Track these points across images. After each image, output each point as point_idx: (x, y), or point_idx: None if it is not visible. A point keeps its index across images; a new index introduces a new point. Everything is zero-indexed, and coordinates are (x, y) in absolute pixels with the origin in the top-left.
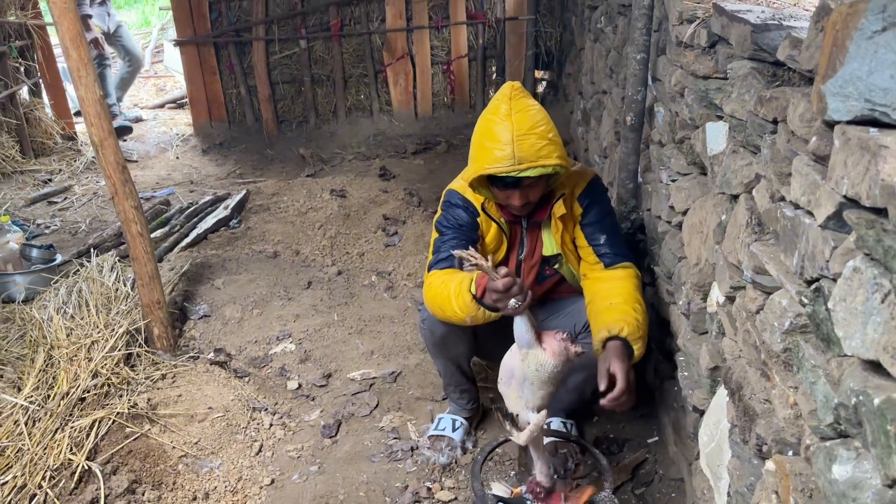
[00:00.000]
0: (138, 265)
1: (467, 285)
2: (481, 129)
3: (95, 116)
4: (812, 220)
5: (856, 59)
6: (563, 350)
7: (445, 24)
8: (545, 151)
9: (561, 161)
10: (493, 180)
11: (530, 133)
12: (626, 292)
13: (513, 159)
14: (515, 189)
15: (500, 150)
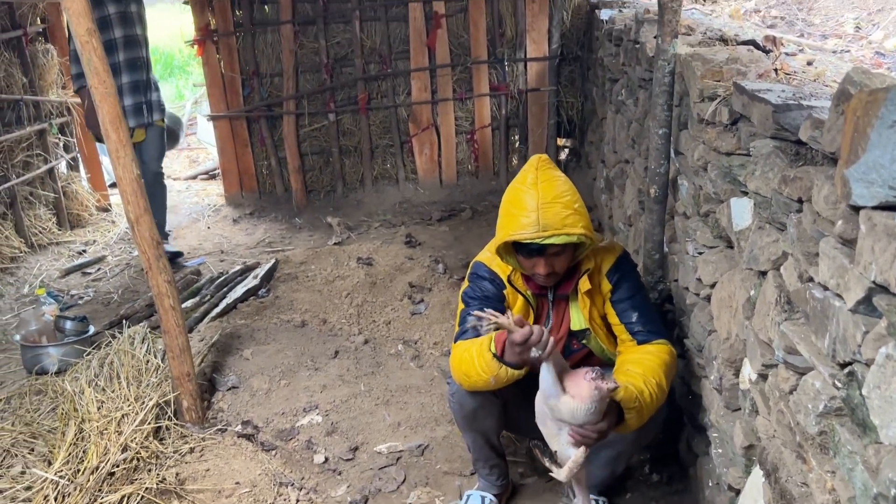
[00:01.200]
0: (170, 338)
1: (487, 344)
2: (508, 197)
3: (132, 195)
4: (842, 303)
5: (878, 147)
6: (594, 391)
7: (469, 97)
8: (570, 220)
9: (586, 231)
10: (519, 248)
11: (555, 202)
12: (648, 366)
13: (538, 226)
14: (540, 257)
15: (526, 217)
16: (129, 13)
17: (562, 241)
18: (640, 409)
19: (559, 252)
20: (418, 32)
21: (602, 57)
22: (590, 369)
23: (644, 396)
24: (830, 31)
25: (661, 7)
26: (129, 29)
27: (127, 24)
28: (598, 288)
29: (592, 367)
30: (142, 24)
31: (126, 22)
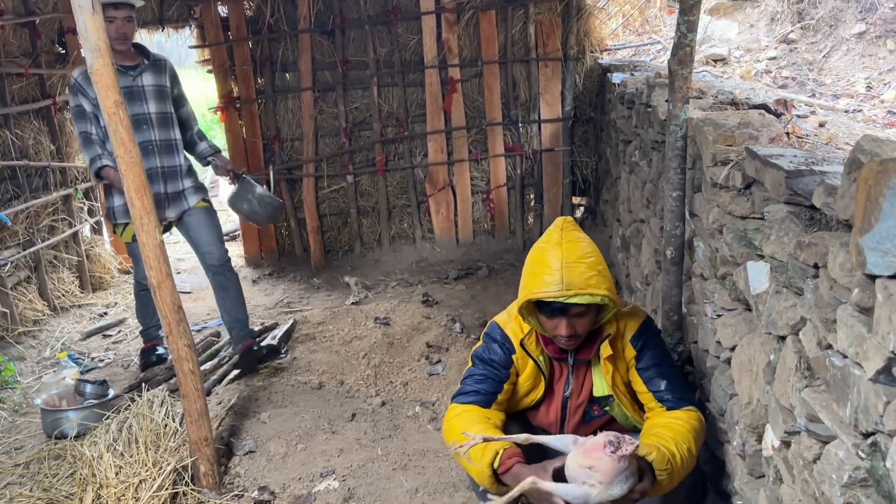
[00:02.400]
0: (188, 402)
1: (491, 457)
2: (532, 257)
3: (155, 260)
4: (862, 372)
5: (890, 217)
6: (619, 464)
7: (484, 157)
8: (594, 281)
9: (609, 293)
10: (542, 308)
11: (579, 262)
12: (678, 430)
13: (561, 285)
14: (563, 317)
15: (550, 275)
16: (163, 88)
17: (585, 301)
18: (672, 472)
19: (582, 313)
20: (434, 97)
21: (615, 119)
22: (606, 439)
23: (676, 460)
24: (842, 91)
25: (672, 74)
26: (162, 105)
27: (160, 100)
28: (622, 354)
29: (607, 433)
30: (173, 103)
31: (159, 97)
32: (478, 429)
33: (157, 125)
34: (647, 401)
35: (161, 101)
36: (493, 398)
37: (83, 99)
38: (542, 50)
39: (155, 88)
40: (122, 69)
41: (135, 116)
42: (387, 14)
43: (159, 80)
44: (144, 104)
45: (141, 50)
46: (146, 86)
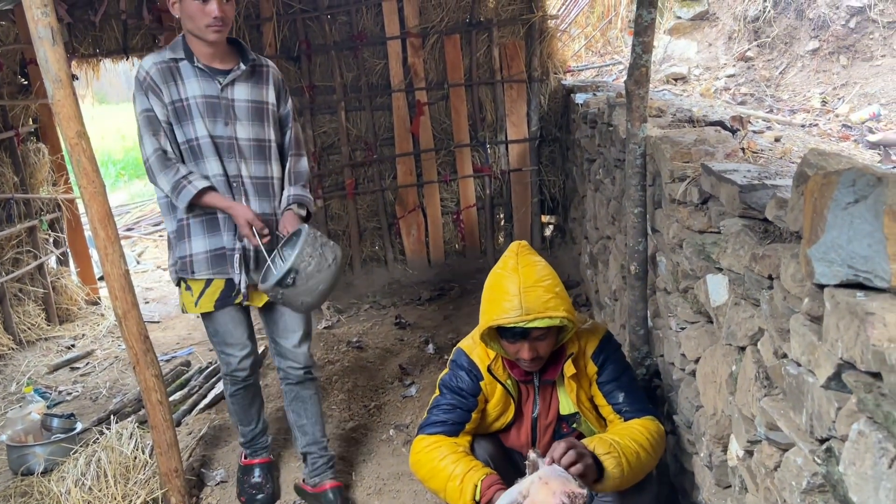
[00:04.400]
0: (157, 433)
1: (471, 492)
2: (490, 283)
3: (119, 290)
4: (815, 380)
5: (835, 228)
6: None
7: (454, 178)
8: (552, 304)
9: (568, 314)
10: (503, 333)
11: (537, 285)
12: (627, 429)
13: (520, 310)
14: (524, 341)
15: (509, 301)
16: (263, 105)
17: (544, 325)
18: (620, 460)
19: (542, 336)
20: (402, 120)
21: (579, 138)
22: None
23: (620, 446)
24: (798, 106)
25: (629, 95)
26: (259, 127)
27: (257, 120)
28: (584, 371)
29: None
30: (277, 125)
31: (256, 116)
32: (451, 460)
33: (251, 156)
34: (608, 414)
35: (258, 123)
36: (461, 427)
37: (155, 100)
38: (506, 72)
39: (251, 105)
40: (207, 71)
41: (216, 140)
42: (352, 39)
43: (259, 92)
44: (232, 124)
45: (238, 48)
46: (237, 100)
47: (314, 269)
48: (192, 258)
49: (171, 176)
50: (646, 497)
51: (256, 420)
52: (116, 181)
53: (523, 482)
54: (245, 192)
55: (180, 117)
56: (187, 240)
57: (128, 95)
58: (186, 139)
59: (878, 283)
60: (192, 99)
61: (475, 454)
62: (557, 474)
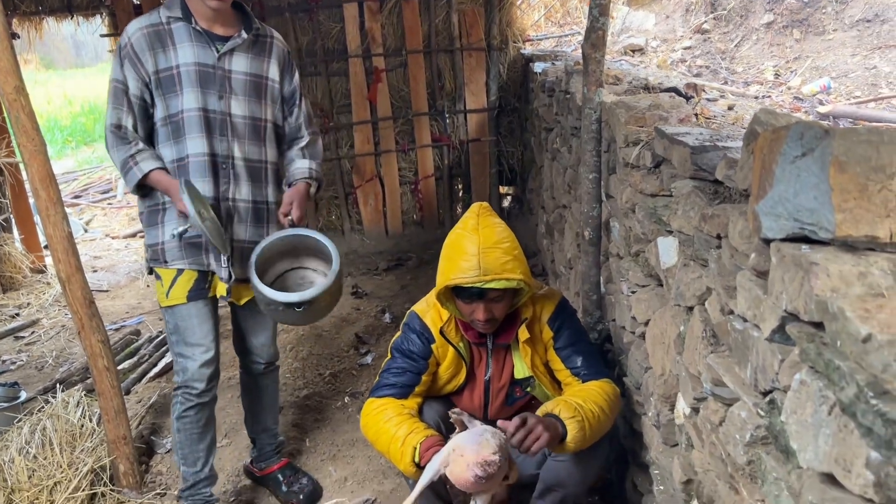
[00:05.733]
0: (104, 400)
1: (411, 455)
2: (449, 242)
3: (63, 253)
4: (759, 333)
5: (782, 182)
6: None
7: (412, 148)
8: (510, 266)
9: (525, 278)
10: (459, 294)
11: (496, 247)
12: (587, 391)
13: (478, 270)
14: (480, 301)
15: (467, 261)
16: (263, 80)
17: (501, 286)
18: (583, 423)
19: (498, 298)
20: (359, 87)
21: (537, 108)
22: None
23: (584, 410)
24: (752, 79)
25: (586, 59)
26: (256, 105)
27: (255, 97)
28: (539, 336)
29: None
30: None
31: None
32: (395, 422)
33: (245, 135)
34: (565, 377)
35: (255, 99)
36: (411, 390)
37: (130, 71)
38: (466, 40)
39: (249, 79)
40: (205, 35)
41: (209, 114)
42: (308, 1)
43: (259, 65)
44: (227, 99)
45: (243, 14)
46: (235, 72)
47: (328, 304)
48: (165, 245)
49: (122, 153)
50: (598, 457)
51: (204, 461)
52: (63, 148)
53: (445, 448)
54: (235, 174)
55: (167, 88)
56: (160, 225)
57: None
58: (170, 113)
59: (822, 234)
60: (183, 67)
61: (425, 416)
62: (474, 441)
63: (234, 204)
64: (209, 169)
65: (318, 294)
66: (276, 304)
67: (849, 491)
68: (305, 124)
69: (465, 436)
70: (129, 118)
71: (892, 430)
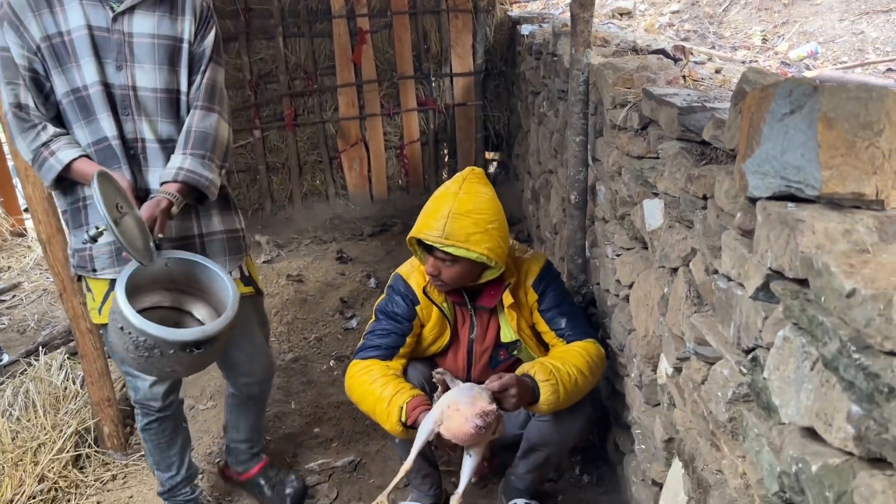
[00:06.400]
0: (87, 362)
1: (398, 414)
2: (433, 196)
3: (43, 214)
4: (743, 292)
5: (770, 140)
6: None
7: (397, 112)
8: (475, 238)
9: (487, 253)
10: (423, 244)
11: (467, 216)
12: (567, 353)
13: (442, 232)
14: (430, 256)
15: (436, 220)
16: (175, 41)
17: (461, 255)
18: (557, 384)
19: (446, 261)
20: (343, 48)
21: (524, 71)
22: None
23: (560, 373)
24: (739, 44)
25: (574, 19)
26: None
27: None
28: (524, 300)
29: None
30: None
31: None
32: (381, 383)
33: (156, 112)
34: (550, 339)
35: (167, 67)
36: (395, 352)
37: (13, 37)
38: (452, 1)
39: (157, 42)
40: None
41: (110, 88)
42: None
43: (170, 25)
44: (128, 69)
45: None
46: (137, 35)
47: (222, 346)
48: (93, 251)
49: (30, 141)
50: (581, 418)
51: (178, 464)
52: None
53: (436, 407)
54: (146, 160)
55: (61, 58)
56: (87, 227)
57: None
58: (71, 88)
59: (808, 192)
60: (75, 32)
61: (409, 377)
62: (466, 395)
63: (148, 196)
64: (122, 154)
65: (221, 329)
66: (150, 343)
67: (829, 444)
68: (204, 96)
69: (455, 392)
70: (29, 95)
71: (874, 384)
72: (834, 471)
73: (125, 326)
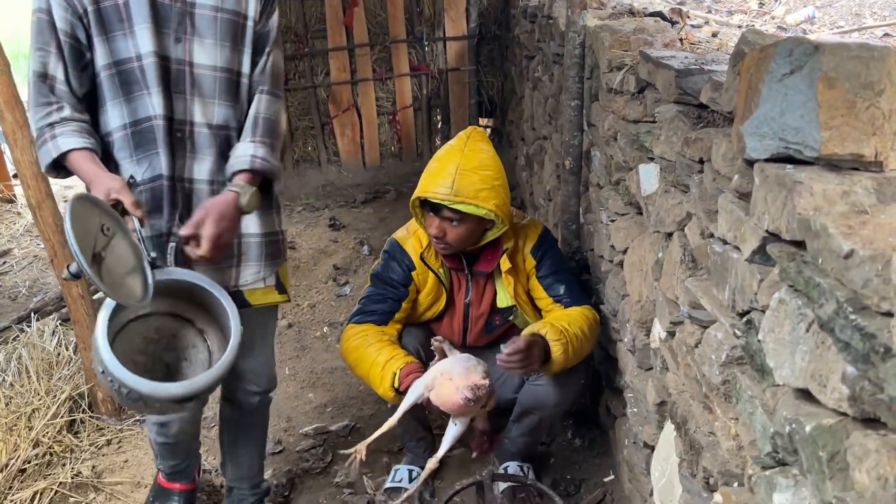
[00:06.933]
0: (80, 328)
1: (391, 379)
2: (435, 156)
3: (32, 178)
4: (739, 255)
5: (768, 101)
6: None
7: (389, 77)
8: (483, 194)
9: (496, 209)
10: (426, 206)
11: (475, 172)
12: (570, 315)
13: (450, 189)
14: (436, 217)
15: (443, 178)
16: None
17: (470, 211)
18: (566, 346)
19: (453, 220)
20: (334, 10)
21: (519, 35)
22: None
23: (569, 333)
24: (736, 8)
25: None
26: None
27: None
28: (522, 266)
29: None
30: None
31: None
32: (375, 348)
33: (213, 93)
34: (546, 305)
35: (229, 44)
36: (391, 317)
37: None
38: None
39: (220, 16)
40: None
41: (164, 62)
42: None
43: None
44: (187, 42)
45: None
46: (199, 5)
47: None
48: None
49: (41, 117)
50: (575, 382)
51: (185, 456)
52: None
53: (429, 373)
54: (193, 145)
55: (109, 25)
56: None
57: None
58: (114, 60)
59: (807, 153)
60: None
61: (405, 343)
62: (462, 366)
63: (192, 186)
64: (164, 138)
65: (217, 378)
66: (134, 396)
67: (823, 405)
68: (270, 81)
69: (451, 361)
70: (60, 65)
71: (870, 345)
72: (828, 431)
73: (105, 372)
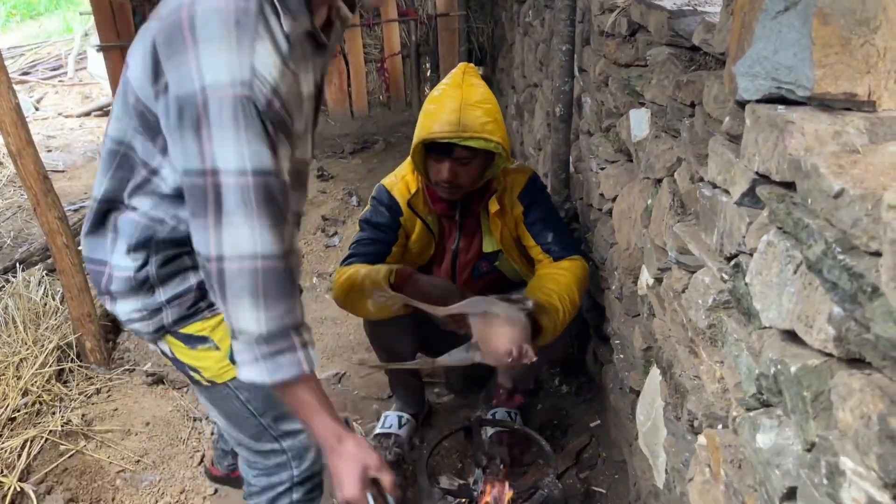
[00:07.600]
0: (66, 277)
1: (386, 275)
2: (431, 97)
3: (12, 125)
4: (728, 198)
5: (762, 40)
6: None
7: (377, 22)
8: (489, 127)
9: (503, 142)
10: (431, 150)
11: (478, 106)
12: (563, 283)
13: (458, 126)
14: (447, 160)
15: (448, 115)
16: None
17: (479, 146)
18: (555, 325)
19: (466, 160)
20: None
21: None
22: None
23: (559, 315)
24: None
25: None
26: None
27: None
28: (510, 210)
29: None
30: None
31: None
32: (366, 271)
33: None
34: (536, 254)
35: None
36: (381, 260)
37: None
38: None
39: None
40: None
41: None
42: None
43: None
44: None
45: None
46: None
47: None
48: (196, 287)
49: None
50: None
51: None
52: (7, 21)
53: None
54: None
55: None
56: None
57: None
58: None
59: (800, 93)
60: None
61: (401, 345)
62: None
63: None
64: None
65: None
66: None
67: (809, 346)
68: None
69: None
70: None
71: (858, 284)
72: (813, 371)
73: None
